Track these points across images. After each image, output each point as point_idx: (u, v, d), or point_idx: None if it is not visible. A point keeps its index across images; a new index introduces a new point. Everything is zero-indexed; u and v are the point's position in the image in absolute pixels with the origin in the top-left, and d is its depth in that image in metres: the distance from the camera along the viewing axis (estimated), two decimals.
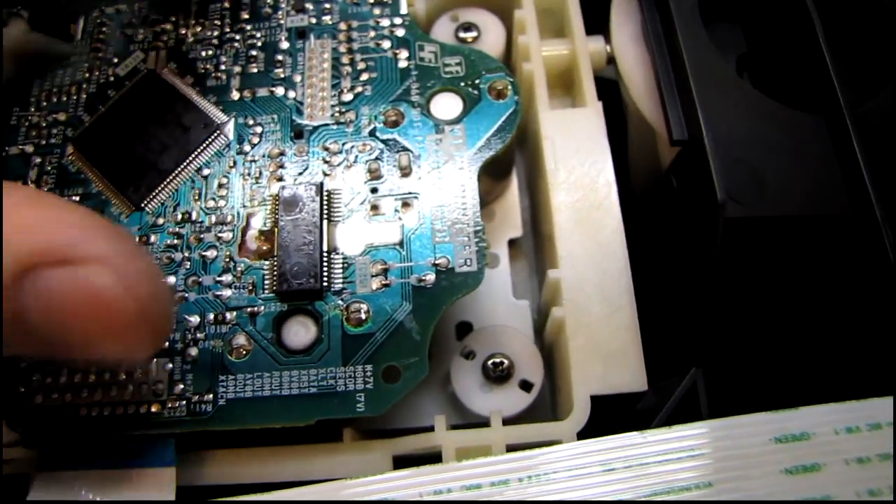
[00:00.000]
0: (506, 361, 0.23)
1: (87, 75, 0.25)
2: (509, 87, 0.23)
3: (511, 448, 0.21)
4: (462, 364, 0.23)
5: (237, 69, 0.25)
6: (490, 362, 0.23)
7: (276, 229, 0.22)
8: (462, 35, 0.26)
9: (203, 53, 0.25)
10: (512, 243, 0.26)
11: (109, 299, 0.16)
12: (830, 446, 0.18)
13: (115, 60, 0.25)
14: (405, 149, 0.23)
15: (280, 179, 0.23)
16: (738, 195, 0.21)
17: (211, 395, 0.21)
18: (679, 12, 0.23)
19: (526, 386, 0.23)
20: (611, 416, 0.21)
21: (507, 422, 0.22)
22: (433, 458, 0.21)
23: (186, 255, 0.22)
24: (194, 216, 0.23)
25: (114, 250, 0.16)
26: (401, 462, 0.21)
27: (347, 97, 0.24)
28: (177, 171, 0.23)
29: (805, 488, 0.17)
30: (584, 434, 0.21)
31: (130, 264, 0.16)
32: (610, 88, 0.26)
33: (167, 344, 0.21)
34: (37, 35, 0.25)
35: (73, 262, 0.16)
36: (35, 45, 0.25)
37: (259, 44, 0.25)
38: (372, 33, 0.25)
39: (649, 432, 0.18)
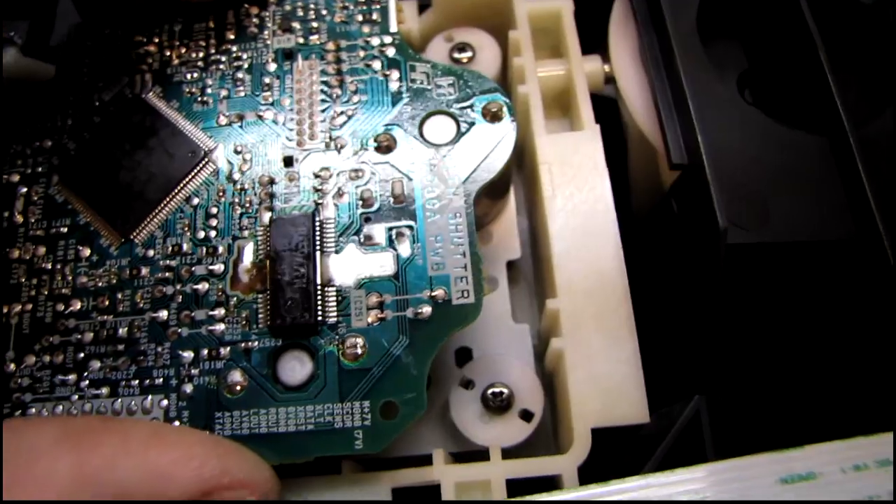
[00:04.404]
0: (505, 391, 0.22)
1: (71, 99, 0.24)
2: (504, 108, 0.22)
3: (511, 482, 0.20)
4: (461, 394, 0.23)
5: (223, 93, 0.24)
6: (490, 392, 0.22)
7: (268, 262, 0.21)
8: (456, 55, 0.26)
9: (188, 76, 0.24)
10: (510, 265, 0.26)
11: None
12: (838, 486, 0.17)
13: (100, 84, 0.24)
14: (398, 175, 0.22)
15: (271, 209, 0.22)
16: (740, 220, 0.21)
17: (207, 433, 0.20)
18: (677, 34, 0.22)
19: (526, 416, 0.22)
20: (613, 445, 0.21)
21: (507, 451, 0.21)
22: (432, 490, 0.21)
23: (178, 288, 0.22)
24: (185, 248, 0.22)
25: (250, 471, 0.19)
26: (400, 494, 0.21)
27: (338, 121, 0.23)
28: (165, 202, 0.22)
29: None
30: (585, 466, 0.20)
31: (264, 479, 0.19)
32: (609, 106, 0.25)
33: (161, 380, 0.21)
34: (26, 60, 0.25)
35: (219, 491, 0.18)
36: (23, 71, 0.25)
37: (245, 66, 0.24)
38: (361, 53, 0.24)
39: (653, 476, 0.18)
